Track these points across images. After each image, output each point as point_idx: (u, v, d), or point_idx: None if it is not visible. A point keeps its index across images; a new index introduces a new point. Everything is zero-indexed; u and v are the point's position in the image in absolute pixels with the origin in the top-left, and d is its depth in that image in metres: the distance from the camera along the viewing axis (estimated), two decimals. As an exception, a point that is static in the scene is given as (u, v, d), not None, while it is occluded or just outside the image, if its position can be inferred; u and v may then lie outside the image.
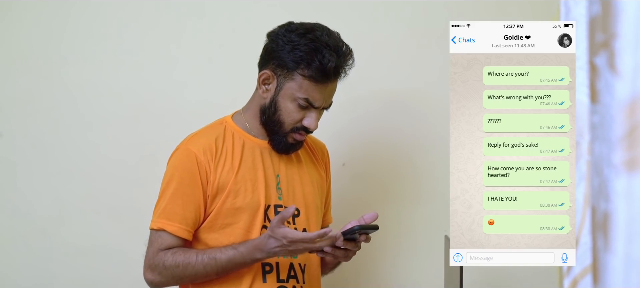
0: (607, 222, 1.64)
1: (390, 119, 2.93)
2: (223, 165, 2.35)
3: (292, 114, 2.35)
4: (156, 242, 2.33)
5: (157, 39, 2.94)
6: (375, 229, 2.27)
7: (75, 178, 2.91)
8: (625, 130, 1.64)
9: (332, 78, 2.33)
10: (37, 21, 2.93)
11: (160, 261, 2.31)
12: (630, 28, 1.64)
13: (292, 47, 2.31)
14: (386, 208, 2.87)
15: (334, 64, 2.30)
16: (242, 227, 2.35)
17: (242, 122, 2.43)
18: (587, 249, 1.69)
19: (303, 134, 2.38)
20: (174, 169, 2.36)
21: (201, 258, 2.29)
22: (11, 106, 2.93)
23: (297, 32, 2.33)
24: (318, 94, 2.33)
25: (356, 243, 2.31)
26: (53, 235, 2.91)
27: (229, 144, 2.38)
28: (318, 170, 2.52)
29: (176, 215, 2.32)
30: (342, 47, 2.33)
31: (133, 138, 2.90)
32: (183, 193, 2.33)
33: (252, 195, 2.36)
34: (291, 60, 2.31)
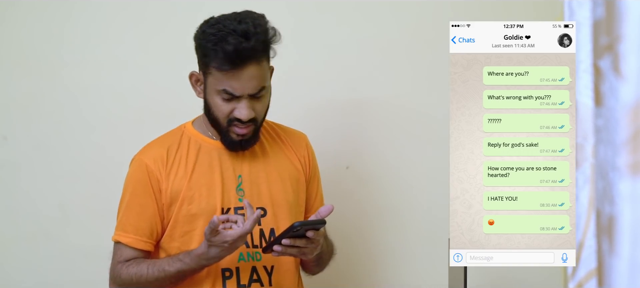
0: (612, 225, 1.64)
1: (390, 119, 2.93)
2: (175, 173, 2.32)
3: (221, 108, 2.28)
4: (116, 254, 2.34)
5: (162, 40, 2.94)
6: (321, 223, 2.23)
7: (79, 180, 2.91)
8: (629, 134, 1.63)
9: (240, 63, 2.21)
10: (40, 23, 2.91)
11: (118, 274, 2.32)
12: (634, 31, 1.63)
13: (205, 42, 2.25)
14: (386, 208, 2.87)
15: (237, 48, 2.19)
16: (199, 233, 2.31)
17: (201, 127, 2.40)
18: (592, 252, 1.69)
19: (242, 127, 2.30)
20: (127, 181, 2.36)
21: (152, 271, 2.28)
22: (15, 109, 2.92)
23: (208, 24, 2.28)
24: (234, 82, 2.24)
25: (309, 240, 2.24)
26: (57, 237, 2.91)
27: (184, 150, 2.35)
28: (292, 162, 2.45)
29: (130, 227, 2.32)
30: (252, 30, 2.20)
31: (137, 140, 2.86)
32: (136, 204, 2.32)
33: (208, 200, 2.32)
34: (204, 55, 2.27)
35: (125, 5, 2.92)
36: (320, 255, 2.42)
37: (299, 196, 2.46)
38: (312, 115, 2.77)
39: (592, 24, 1.70)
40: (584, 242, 1.71)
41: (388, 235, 2.91)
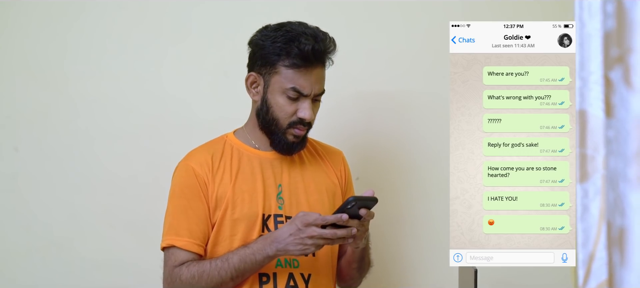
0: (623, 237, 1.66)
1: (389, 119, 2.91)
2: (221, 178, 2.32)
3: (284, 108, 2.31)
4: (170, 260, 2.29)
5: (180, 49, 2.90)
6: (374, 201, 2.19)
7: (91, 192, 2.85)
8: (640, 145, 1.65)
9: (313, 62, 2.30)
10: (53, 35, 2.87)
11: (177, 277, 2.27)
12: (646, 43, 1.64)
13: (271, 42, 2.30)
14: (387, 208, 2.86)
15: (313, 47, 2.27)
16: (240, 238, 2.31)
17: (244, 136, 2.41)
18: (603, 264, 1.70)
19: (302, 129, 2.34)
20: (174, 186, 2.34)
21: (215, 264, 2.25)
22: (26, 120, 2.85)
23: (272, 29, 2.33)
24: (304, 81, 2.29)
25: (361, 222, 2.22)
26: (68, 249, 2.85)
27: (227, 157, 2.36)
28: (329, 176, 2.47)
29: (183, 230, 2.29)
30: (319, 33, 2.31)
31: (149, 152, 2.85)
32: (186, 208, 2.30)
33: (250, 206, 2.32)
34: (271, 55, 2.30)
35: (139, 20, 2.90)
36: (363, 255, 2.44)
37: (335, 209, 2.45)
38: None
39: (602, 35, 1.70)
40: (594, 253, 1.72)
41: (388, 235, 2.92)
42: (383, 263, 2.89)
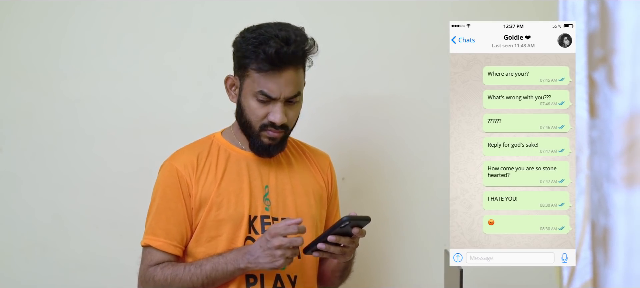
0: (607, 237, 1.66)
1: (389, 119, 2.91)
2: (205, 178, 2.35)
3: (255, 111, 2.32)
4: (146, 258, 2.36)
5: (157, 52, 2.92)
6: (366, 220, 2.23)
7: (75, 191, 2.90)
8: (624, 146, 1.64)
9: (281, 65, 2.28)
10: (37, 35, 2.90)
11: (150, 277, 2.33)
12: (628, 43, 1.63)
13: (245, 45, 2.31)
14: (387, 208, 2.88)
15: (278, 51, 2.26)
16: (226, 238, 2.35)
17: (230, 137, 2.43)
18: (587, 264, 1.71)
19: (275, 131, 2.34)
20: (157, 185, 2.39)
21: (188, 268, 2.30)
22: (11, 119, 2.91)
23: (250, 30, 2.34)
24: (272, 84, 2.29)
25: (352, 239, 2.27)
26: (53, 248, 2.91)
27: (213, 157, 2.39)
28: (316, 179, 2.49)
29: (161, 231, 2.34)
30: (293, 35, 2.29)
31: (133, 151, 2.88)
32: (166, 209, 2.35)
33: (236, 207, 2.35)
34: (244, 58, 2.31)
35: (123, 18, 2.92)
36: (348, 265, 2.48)
37: (321, 212, 2.50)
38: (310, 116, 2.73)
39: (586, 36, 1.70)
40: (579, 253, 1.72)
41: (388, 235, 2.92)
42: (383, 263, 2.89)
